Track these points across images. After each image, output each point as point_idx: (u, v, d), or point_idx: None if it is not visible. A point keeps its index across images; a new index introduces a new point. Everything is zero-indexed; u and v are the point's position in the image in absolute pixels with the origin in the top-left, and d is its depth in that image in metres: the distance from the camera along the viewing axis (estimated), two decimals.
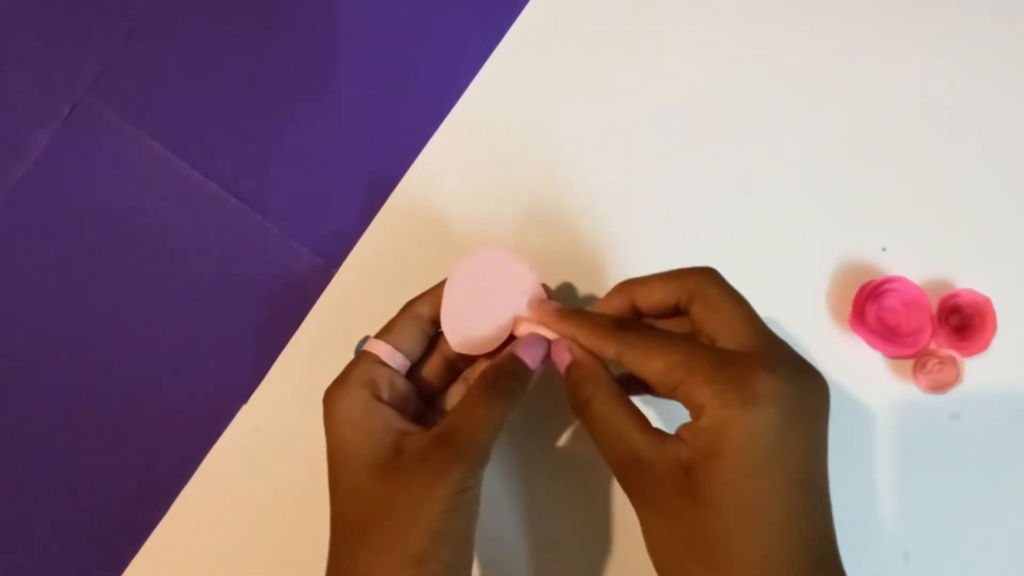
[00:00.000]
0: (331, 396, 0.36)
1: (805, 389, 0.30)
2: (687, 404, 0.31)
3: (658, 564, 0.32)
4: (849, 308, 0.44)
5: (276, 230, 0.47)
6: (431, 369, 0.39)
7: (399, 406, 0.36)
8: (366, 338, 0.38)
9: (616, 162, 0.47)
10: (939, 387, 0.42)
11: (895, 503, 0.43)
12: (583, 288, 0.46)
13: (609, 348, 0.34)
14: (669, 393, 0.32)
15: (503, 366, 0.35)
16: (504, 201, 0.47)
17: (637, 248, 0.46)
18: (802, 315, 0.45)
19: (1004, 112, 0.46)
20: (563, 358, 0.35)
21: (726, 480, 0.29)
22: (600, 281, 0.46)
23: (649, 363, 0.32)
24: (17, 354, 0.47)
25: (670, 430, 0.32)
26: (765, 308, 0.45)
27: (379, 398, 0.35)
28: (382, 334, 0.37)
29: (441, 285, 0.38)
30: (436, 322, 0.38)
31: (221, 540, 0.45)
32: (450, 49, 0.49)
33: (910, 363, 0.44)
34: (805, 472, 0.30)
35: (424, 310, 0.38)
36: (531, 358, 0.36)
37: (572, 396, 0.34)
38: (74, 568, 0.45)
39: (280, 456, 0.45)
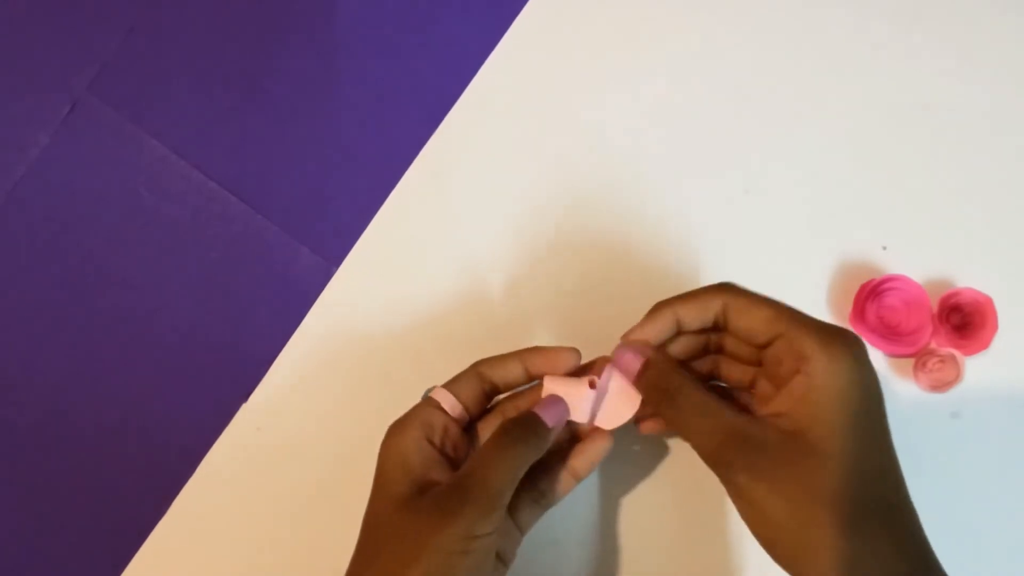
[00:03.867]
0: (393, 433, 0.37)
1: (863, 345, 0.33)
2: (787, 354, 0.33)
3: (773, 538, 0.32)
4: (850, 307, 0.44)
5: (276, 229, 0.47)
6: (489, 427, 0.40)
7: (449, 453, 0.37)
8: (433, 388, 0.39)
9: (616, 161, 0.47)
10: (940, 386, 0.42)
11: None
12: (582, 286, 0.46)
13: (713, 307, 0.36)
14: (765, 345, 0.34)
15: (518, 418, 0.37)
16: (504, 199, 0.47)
17: (637, 247, 0.46)
18: None
19: (1005, 111, 0.46)
20: (633, 364, 0.37)
21: (839, 430, 0.31)
22: (599, 279, 0.46)
23: (756, 312, 0.34)
24: (16, 353, 0.47)
25: None
26: None
27: (430, 441, 0.37)
28: (447, 384, 0.38)
29: (510, 355, 0.39)
30: (497, 385, 0.39)
31: (221, 539, 0.45)
32: (450, 48, 0.49)
33: (911, 362, 0.44)
34: (886, 422, 0.33)
35: (488, 371, 0.39)
36: (549, 417, 0.37)
37: (656, 393, 0.36)
38: (74, 568, 0.45)
39: (280, 455, 0.45)
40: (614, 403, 0.38)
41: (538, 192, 0.47)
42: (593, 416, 0.38)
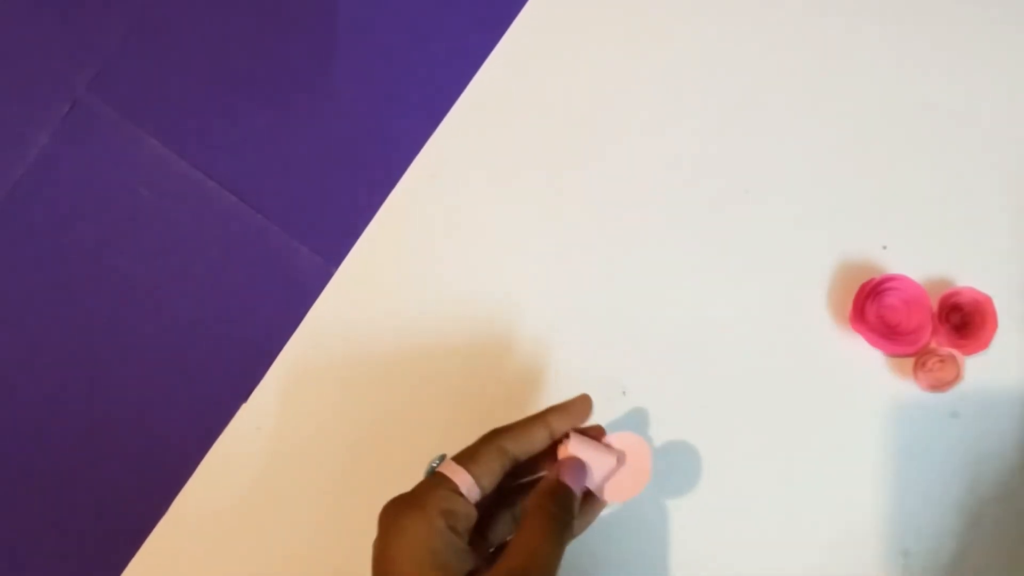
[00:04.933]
0: (406, 517, 0.33)
1: None
2: None
3: None
4: (850, 306, 0.44)
5: (276, 228, 0.47)
6: (490, 497, 0.36)
7: (467, 538, 0.34)
8: (443, 457, 0.35)
9: (616, 161, 0.47)
10: (939, 385, 0.42)
11: (895, 501, 0.43)
12: (581, 285, 0.46)
13: None
14: None
15: (554, 494, 0.34)
16: (504, 199, 0.47)
17: (637, 247, 0.46)
18: (803, 313, 0.45)
19: (1004, 111, 0.46)
20: None
21: None
22: (597, 279, 0.46)
23: None
24: (16, 352, 0.47)
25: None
26: (766, 306, 0.45)
27: (454, 530, 0.33)
28: (464, 462, 0.34)
29: (532, 421, 0.36)
30: (520, 458, 0.36)
31: (220, 539, 0.45)
32: (449, 48, 0.49)
33: (910, 361, 0.44)
34: None
35: (511, 446, 0.35)
36: (575, 484, 0.35)
37: None
38: (74, 568, 0.45)
39: (280, 454, 0.45)
40: (626, 477, 0.37)
41: (537, 192, 0.47)
42: (601, 485, 0.37)
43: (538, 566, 0.32)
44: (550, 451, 0.37)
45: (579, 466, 0.35)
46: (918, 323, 0.43)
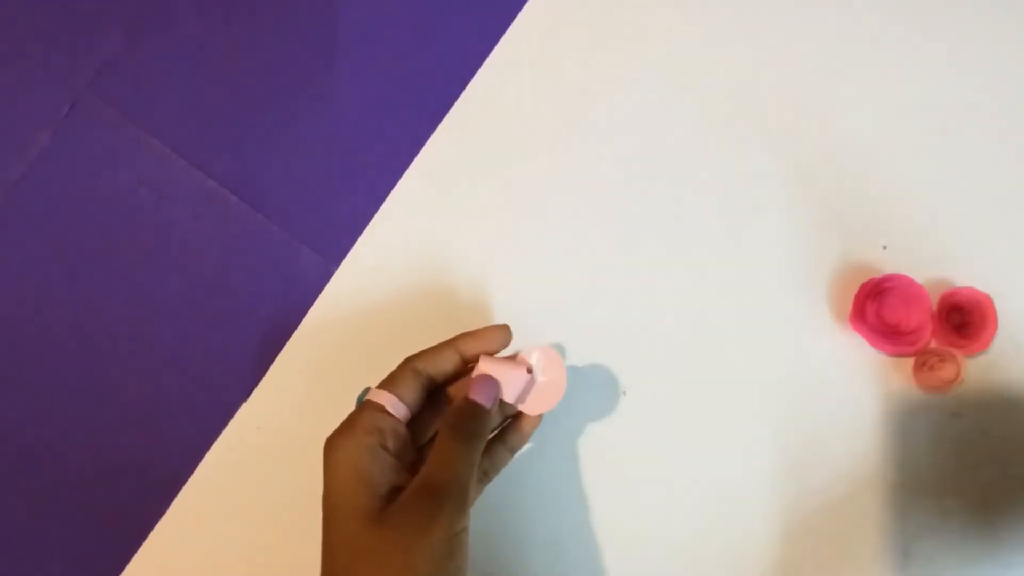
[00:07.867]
0: (335, 442, 0.36)
1: None
2: None
3: None
4: (849, 306, 0.44)
5: (276, 228, 0.47)
6: (427, 422, 0.39)
7: (400, 455, 0.36)
8: (367, 389, 0.38)
9: (616, 161, 0.47)
10: (940, 386, 0.42)
11: (895, 501, 0.43)
12: (582, 286, 0.46)
13: None
14: None
15: (462, 410, 0.36)
16: (503, 199, 0.47)
17: (637, 247, 0.46)
18: (802, 313, 0.45)
19: (1005, 110, 0.46)
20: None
21: None
22: (599, 279, 0.46)
23: None
24: (16, 352, 0.47)
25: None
26: (766, 306, 0.45)
27: (384, 447, 0.35)
28: (384, 385, 0.37)
29: (442, 345, 0.39)
30: (434, 378, 0.39)
31: (220, 538, 0.45)
32: (449, 49, 0.49)
33: (911, 361, 0.44)
34: None
35: (423, 366, 0.38)
36: (483, 399, 0.37)
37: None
38: (74, 568, 0.45)
39: (280, 454, 0.45)
40: (543, 390, 0.39)
41: (537, 192, 0.47)
42: (521, 400, 0.39)
43: (446, 472, 0.34)
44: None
45: (486, 381, 0.37)
46: (918, 323, 0.43)
